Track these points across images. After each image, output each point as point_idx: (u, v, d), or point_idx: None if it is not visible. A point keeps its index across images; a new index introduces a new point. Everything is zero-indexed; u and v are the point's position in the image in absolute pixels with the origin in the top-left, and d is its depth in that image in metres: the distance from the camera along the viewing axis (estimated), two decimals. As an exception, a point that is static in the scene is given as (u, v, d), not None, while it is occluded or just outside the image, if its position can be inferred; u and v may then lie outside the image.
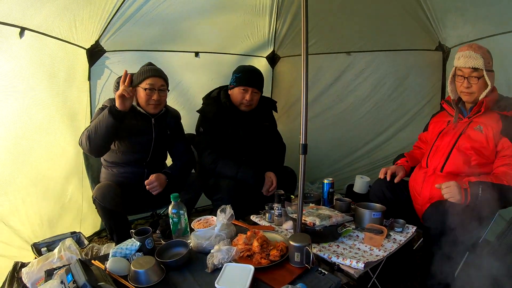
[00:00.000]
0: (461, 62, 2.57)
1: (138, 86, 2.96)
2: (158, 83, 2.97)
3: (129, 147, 3.01)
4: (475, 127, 2.60)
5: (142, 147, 3.07)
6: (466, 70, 2.56)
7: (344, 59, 4.62)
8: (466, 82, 2.57)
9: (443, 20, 3.79)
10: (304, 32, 2.14)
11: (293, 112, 4.99)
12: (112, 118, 2.70)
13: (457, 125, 2.74)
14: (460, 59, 2.58)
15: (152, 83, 2.93)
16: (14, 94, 2.66)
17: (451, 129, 2.76)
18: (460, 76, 2.61)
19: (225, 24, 4.18)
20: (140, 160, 3.09)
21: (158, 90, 2.97)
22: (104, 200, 2.71)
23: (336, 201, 2.96)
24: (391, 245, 2.33)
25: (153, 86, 2.93)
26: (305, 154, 2.16)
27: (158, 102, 2.99)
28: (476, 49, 2.53)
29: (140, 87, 2.95)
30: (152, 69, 3.01)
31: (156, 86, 2.95)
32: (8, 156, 2.67)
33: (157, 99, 2.97)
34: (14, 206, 2.72)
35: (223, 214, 2.32)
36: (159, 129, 3.12)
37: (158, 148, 3.15)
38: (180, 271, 2.11)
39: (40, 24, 2.74)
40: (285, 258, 2.12)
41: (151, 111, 3.03)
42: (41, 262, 2.25)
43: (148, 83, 2.92)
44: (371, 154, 4.79)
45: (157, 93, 2.96)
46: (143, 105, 3.00)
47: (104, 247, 2.65)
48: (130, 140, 3.00)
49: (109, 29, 3.45)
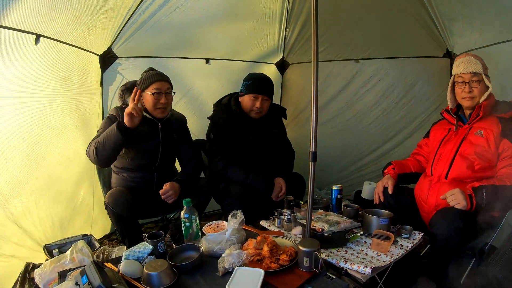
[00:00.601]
0: (461, 68, 2.65)
1: (144, 91, 2.98)
2: (164, 86, 2.99)
3: (137, 153, 3.04)
4: (475, 132, 2.66)
5: (150, 152, 3.10)
6: (467, 76, 2.64)
7: (352, 66, 4.64)
8: (468, 87, 2.64)
9: (450, 28, 3.81)
10: (314, 39, 2.18)
11: (302, 119, 5.01)
12: (120, 134, 2.73)
13: (458, 132, 2.79)
14: (460, 66, 2.67)
15: (159, 87, 2.95)
16: (29, 99, 2.71)
17: (452, 136, 2.81)
18: (461, 82, 2.70)
19: (235, 31, 4.22)
20: (149, 165, 3.13)
21: (165, 93, 3.00)
22: (116, 206, 2.75)
23: (344, 207, 2.98)
24: (398, 251, 2.35)
25: (160, 90, 2.96)
26: (314, 162, 2.19)
27: (165, 105, 3.02)
28: (474, 56, 2.66)
29: (146, 93, 2.97)
30: (156, 73, 3.03)
31: (163, 90, 2.98)
32: (23, 158, 2.71)
33: (164, 103, 2.99)
34: (27, 208, 2.76)
35: (234, 219, 2.35)
36: (166, 133, 3.14)
37: (166, 152, 3.18)
38: (192, 275, 2.14)
39: (55, 31, 2.79)
40: (294, 263, 2.15)
41: (159, 115, 3.05)
42: (53, 264, 2.29)
43: (155, 87, 2.94)
44: (379, 161, 4.77)
45: (164, 97, 2.98)
46: (151, 110, 3.01)
47: (116, 250, 2.69)
48: (138, 146, 3.02)
49: (121, 36, 3.51)
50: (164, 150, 3.15)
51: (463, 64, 2.65)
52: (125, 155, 3.03)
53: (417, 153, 3.23)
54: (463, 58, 2.68)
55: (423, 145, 3.19)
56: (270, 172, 3.32)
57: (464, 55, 2.70)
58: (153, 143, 3.09)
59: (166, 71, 3.28)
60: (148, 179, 3.12)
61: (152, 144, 3.09)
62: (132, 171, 3.08)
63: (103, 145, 2.76)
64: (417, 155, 3.22)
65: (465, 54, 2.71)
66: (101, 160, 2.84)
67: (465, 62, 2.64)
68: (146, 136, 3.04)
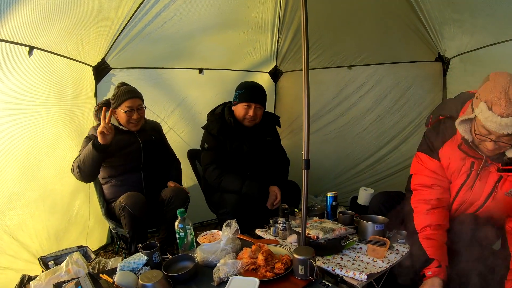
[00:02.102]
0: (493, 126, 1.87)
1: (117, 108, 3.12)
2: (135, 103, 3.12)
3: (120, 160, 3.15)
4: (506, 193, 2.13)
5: (133, 156, 3.21)
6: (497, 134, 1.92)
7: (345, 73, 4.67)
8: (493, 144, 1.98)
9: (441, 32, 3.82)
10: (305, 48, 2.18)
11: (296, 127, 5.02)
12: (96, 152, 2.87)
13: (486, 170, 2.20)
14: (491, 123, 1.87)
15: (130, 105, 3.09)
16: (24, 111, 2.73)
17: (479, 177, 2.23)
18: (486, 137, 1.97)
19: (228, 41, 4.25)
20: (135, 167, 3.23)
21: (137, 109, 3.14)
22: (134, 207, 2.81)
23: (340, 214, 2.98)
24: (394, 257, 2.35)
25: (131, 107, 3.10)
26: (307, 170, 2.20)
27: (138, 120, 3.18)
28: None
29: (120, 110, 3.11)
30: (127, 91, 3.13)
31: (135, 107, 3.12)
32: (18, 171, 2.73)
33: (137, 118, 3.15)
34: (22, 220, 2.77)
35: (228, 229, 2.34)
36: (143, 137, 3.28)
37: (148, 153, 3.28)
38: (187, 285, 2.13)
39: (48, 43, 2.82)
40: (290, 271, 2.14)
41: (133, 129, 3.21)
42: (49, 276, 2.28)
43: (127, 105, 3.08)
44: (374, 167, 4.80)
45: (136, 113, 3.13)
46: (125, 125, 3.17)
47: (111, 261, 2.67)
48: (120, 153, 3.14)
49: (115, 47, 3.53)
50: (146, 151, 3.27)
51: (495, 124, 1.85)
52: (109, 165, 3.13)
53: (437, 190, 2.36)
54: (498, 117, 1.83)
55: (438, 169, 2.36)
56: (265, 180, 3.32)
57: (505, 104, 1.81)
58: (134, 147, 3.21)
59: (160, 81, 3.31)
60: (135, 180, 3.21)
61: (133, 148, 3.21)
62: (119, 176, 3.17)
63: (84, 163, 2.92)
64: (439, 199, 2.34)
65: (505, 104, 1.81)
66: (85, 176, 3.00)
67: (499, 123, 1.83)
68: (126, 143, 3.17)
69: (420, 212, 2.34)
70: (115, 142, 3.02)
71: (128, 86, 3.20)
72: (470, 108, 2.05)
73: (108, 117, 2.88)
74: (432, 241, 2.23)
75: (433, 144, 2.36)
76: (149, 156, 3.28)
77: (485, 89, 1.92)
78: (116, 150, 3.08)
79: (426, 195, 2.35)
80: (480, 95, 1.94)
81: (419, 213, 2.34)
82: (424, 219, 2.30)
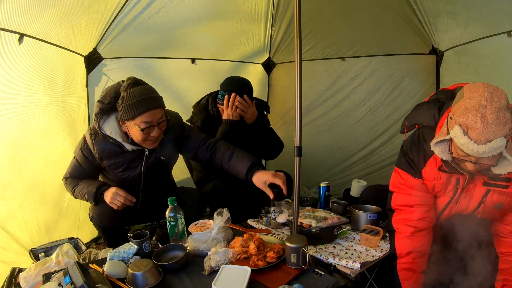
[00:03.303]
0: (470, 152, 1.70)
1: (129, 121, 2.41)
2: (156, 116, 2.40)
3: (116, 179, 2.71)
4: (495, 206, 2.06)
5: (130, 181, 2.70)
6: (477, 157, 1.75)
7: (339, 65, 4.64)
8: (473, 165, 1.81)
9: (435, 24, 3.82)
10: (298, 39, 2.16)
11: (289, 118, 5.00)
12: (94, 203, 2.60)
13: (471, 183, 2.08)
14: (468, 149, 1.70)
15: (150, 120, 2.37)
16: (13, 100, 2.68)
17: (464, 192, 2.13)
18: (465, 159, 1.80)
19: (221, 31, 4.22)
20: (134, 188, 2.73)
21: (158, 124, 2.43)
22: (101, 219, 2.69)
23: (332, 204, 2.99)
24: (387, 246, 2.36)
25: (151, 122, 2.38)
26: (300, 157, 2.18)
27: (158, 137, 2.52)
28: (498, 129, 1.63)
29: (133, 124, 2.39)
30: (146, 99, 2.35)
31: (155, 121, 2.40)
32: (6, 160, 2.68)
33: (157, 136, 2.46)
34: (11, 211, 2.72)
35: (220, 217, 2.33)
36: (151, 158, 2.69)
37: (151, 178, 2.77)
38: (177, 274, 2.12)
39: (39, 31, 2.76)
40: (282, 260, 2.13)
41: (150, 147, 2.58)
42: (39, 267, 2.26)
43: (145, 120, 2.35)
44: (367, 159, 4.80)
45: (156, 129, 2.42)
46: (138, 142, 2.49)
47: (102, 252, 2.65)
48: (117, 175, 2.68)
49: (106, 37, 3.48)
50: (147, 177, 2.74)
51: (473, 149, 1.67)
52: (105, 179, 2.80)
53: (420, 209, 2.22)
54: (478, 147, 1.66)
55: (420, 187, 2.22)
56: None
57: (482, 131, 1.63)
58: (133, 175, 2.69)
59: (152, 71, 3.26)
60: (133, 195, 2.63)
61: (131, 175, 2.69)
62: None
63: (78, 197, 2.65)
64: (423, 218, 2.21)
65: (483, 129, 1.63)
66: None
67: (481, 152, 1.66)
68: (125, 167, 2.65)
69: (403, 234, 2.23)
70: (114, 163, 2.60)
71: (145, 87, 2.42)
72: (445, 127, 1.86)
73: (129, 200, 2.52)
74: (411, 273, 2.18)
75: (414, 163, 2.20)
76: (152, 179, 2.79)
77: (460, 110, 1.72)
78: (113, 170, 2.65)
79: (409, 215, 2.23)
80: (454, 116, 1.76)
81: (401, 235, 2.24)
82: (406, 244, 2.20)
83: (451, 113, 1.80)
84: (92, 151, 2.55)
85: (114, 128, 2.49)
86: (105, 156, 2.56)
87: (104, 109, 2.47)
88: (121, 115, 2.40)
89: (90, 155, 2.58)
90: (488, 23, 3.26)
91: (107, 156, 2.56)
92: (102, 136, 2.48)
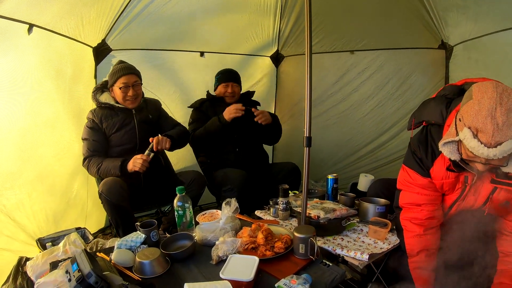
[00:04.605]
0: (480, 155, 1.65)
1: (113, 86, 3.13)
2: (131, 80, 3.10)
3: (117, 141, 3.15)
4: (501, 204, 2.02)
5: (127, 137, 3.17)
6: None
7: (347, 58, 4.62)
8: (483, 166, 1.75)
9: (445, 18, 3.79)
10: (308, 30, 2.16)
11: (297, 111, 5.00)
12: (119, 173, 2.93)
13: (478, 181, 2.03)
14: (478, 153, 1.64)
15: (126, 81, 3.08)
16: (22, 89, 2.68)
17: (470, 194, 2.10)
18: (475, 160, 1.74)
19: (230, 24, 4.24)
20: (131, 149, 3.17)
21: (132, 86, 3.12)
22: (110, 194, 2.75)
23: (340, 196, 2.98)
24: (395, 239, 2.35)
25: (127, 83, 3.08)
26: (309, 147, 2.17)
27: (134, 97, 3.15)
28: (509, 131, 1.58)
29: (115, 87, 3.11)
30: (123, 67, 3.11)
31: (130, 83, 3.10)
32: (15, 150, 2.68)
33: (133, 95, 3.13)
34: (20, 201, 2.72)
35: (228, 207, 2.33)
36: (140, 116, 3.24)
37: (144, 133, 3.19)
38: (185, 263, 2.12)
39: (48, 21, 2.76)
40: (290, 250, 2.13)
41: (130, 106, 3.18)
42: (46, 256, 2.25)
43: (122, 82, 3.07)
44: (374, 153, 4.78)
45: (131, 89, 3.11)
46: (121, 102, 3.15)
47: (109, 242, 2.66)
48: (116, 135, 3.14)
49: (115, 28, 3.50)
50: (141, 132, 3.21)
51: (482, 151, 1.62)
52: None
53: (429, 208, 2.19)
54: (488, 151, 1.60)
55: (428, 186, 2.18)
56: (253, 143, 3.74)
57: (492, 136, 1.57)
58: (129, 128, 3.18)
59: (160, 63, 3.28)
60: None
61: (128, 129, 3.18)
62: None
63: (104, 174, 2.96)
64: (432, 217, 2.18)
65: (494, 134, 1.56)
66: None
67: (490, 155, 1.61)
68: (121, 125, 3.15)
69: (411, 233, 2.20)
70: (111, 123, 3.11)
71: (124, 63, 3.18)
72: (453, 127, 1.80)
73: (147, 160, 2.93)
74: (423, 271, 2.15)
75: (422, 161, 2.15)
76: (145, 137, 3.13)
77: (469, 112, 1.66)
78: (112, 131, 3.12)
79: (416, 213, 2.19)
80: (463, 118, 1.69)
81: (409, 233, 2.21)
82: (416, 243, 2.18)
83: (459, 115, 1.74)
84: (94, 119, 3.10)
85: (107, 97, 3.18)
86: (104, 118, 3.12)
87: (98, 88, 3.21)
88: (109, 82, 3.16)
89: (93, 124, 3.11)
90: (499, 18, 3.24)
91: (105, 118, 3.12)
92: (98, 106, 3.16)
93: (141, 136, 3.19)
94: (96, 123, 3.09)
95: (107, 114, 3.13)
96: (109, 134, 3.12)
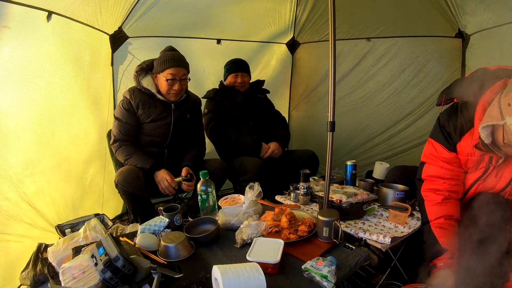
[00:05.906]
0: None
1: (159, 74, 3.03)
2: (180, 73, 3.01)
3: (149, 131, 3.13)
4: None
5: (161, 131, 3.15)
6: None
7: (364, 45, 4.58)
8: None
9: (462, 7, 3.73)
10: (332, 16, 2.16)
11: (313, 98, 4.98)
12: (147, 169, 2.97)
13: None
14: None
15: (174, 73, 2.98)
16: (41, 76, 2.68)
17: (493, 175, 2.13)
18: None
19: (247, 12, 4.24)
20: (160, 143, 3.19)
21: (180, 80, 3.03)
22: (126, 184, 2.77)
23: (360, 182, 2.98)
24: (415, 223, 2.35)
25: (174, 76, 2.99)
26: (333, 131, 2.17)
27: (179, 91, 3.08)
28: None
29: (161, 76, 3.02)
30: (174, 58, 3.02)
31: (178, 76, 3.01)
32: (34, 137, 2.69)
33: (178, 89, 3.05)
34: (39, 188, 2.74)
35: (251, 191, 2.34)
36: (178, 113, 3.20)
37: (177, 131, 3.21)
38: (209, 247, 2.14)
39: (66, 8, 2.76)
40: (313, 234, 2.13)
41: (172, 99, 3.13)
42: (66, 241, 2.26)
43: (170, 73, 2.97)
44: (390, 141, 4.74)
45: (178, 84, 3.03)
46: (164, 93, 3.08)
47: (129, 227, 2.67)
48: (150, 126, 3.11)
49: (132, 15, 3.49)
50: (175, 129, 3.19)
51: None
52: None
53: (451, 182, 2.23)
54: None
55: (453, 161, 2.21)
56: (262, 133, 3.82)
57: None
58: (164, 123, 3.14)
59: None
60: (158, 155, 3.18)
61: (163, 124, 3.14)
62: (142, 147, 3.13)
63: (130, 163, 2.99)
64: (452, 191, 2.23)
65: None
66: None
67: None
68: (158, 117, 3.11)
69: (432, 202, 2.23)
70: (148, 112, 3.07)
71: (176, 52, 3.11)
72: (496, 110, 1.80)
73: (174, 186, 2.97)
74: (445, 230, 2.14)
75: (450, 136, 2.17)
76: (177, 135, 3.22)
77: None
78: (147, 120, 3.09)
79: (438, 185, 2.23)
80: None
81: (430, 202, 2.23)
82: (437, 210, 2.19)
83: (509, 99, 1.72)
84: (131, 102, 3.05)
85: (150, 83, 3.09)
86: (141, 104, 3.06)
87: (143, 68, 3.09)
88: (155, 68, 3.06)
89: (130, 106, 3.06)
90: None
91: (143, 105, 3.07)
92: (139, 90, 3.08)
93: (174, 133, 3.20)
94: (132, 106, 3.05)
95: (145, 101, 3.07)
96: (142, 122, 3.09)
